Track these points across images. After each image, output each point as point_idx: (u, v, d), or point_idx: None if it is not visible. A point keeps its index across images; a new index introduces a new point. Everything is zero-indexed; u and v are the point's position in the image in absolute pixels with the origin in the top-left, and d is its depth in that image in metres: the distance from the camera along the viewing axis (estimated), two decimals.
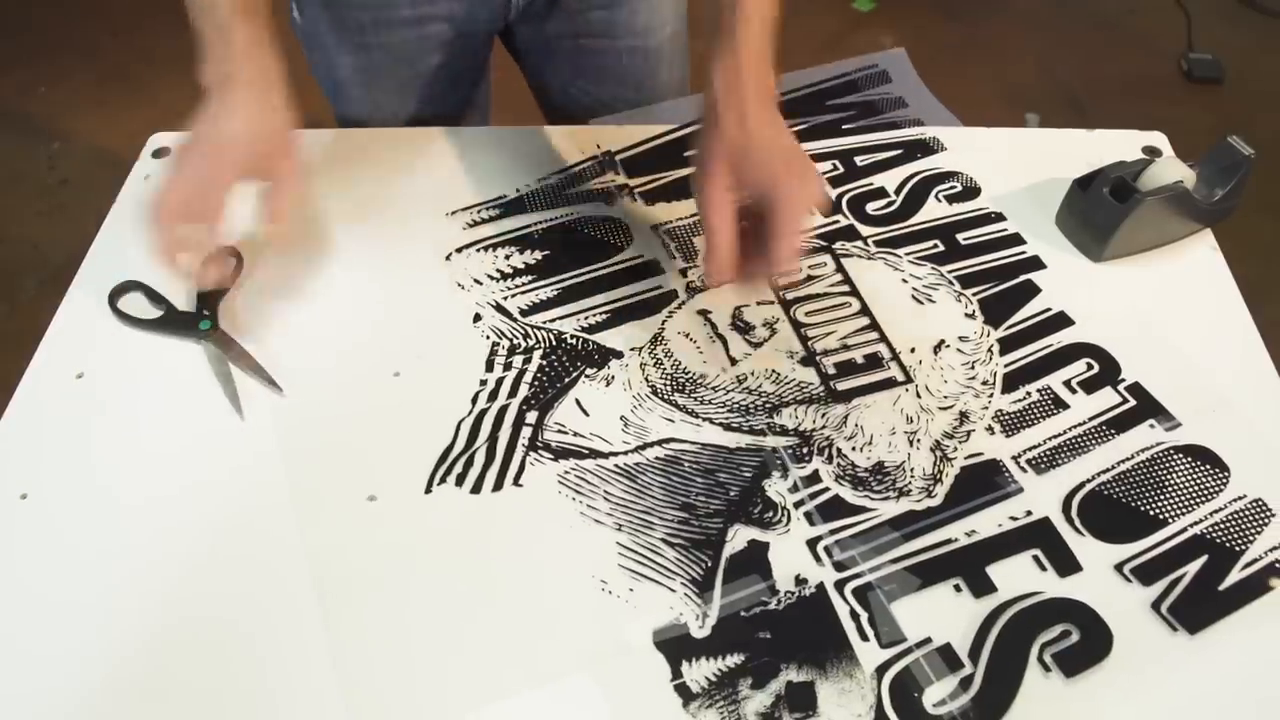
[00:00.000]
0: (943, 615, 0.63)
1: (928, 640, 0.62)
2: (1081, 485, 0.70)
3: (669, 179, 0.92)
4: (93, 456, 0.72)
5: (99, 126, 2.27)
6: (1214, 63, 2.46)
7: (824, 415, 0.74)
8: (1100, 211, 0.84)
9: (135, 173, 0.92)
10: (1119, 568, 0.66)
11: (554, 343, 0.79)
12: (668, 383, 0.76)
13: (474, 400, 0.75)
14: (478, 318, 0.81)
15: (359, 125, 1.05)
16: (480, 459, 0.72)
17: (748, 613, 0.64)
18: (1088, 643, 0.62)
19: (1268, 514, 0.68)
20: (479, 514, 0.69)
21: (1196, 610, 0.63)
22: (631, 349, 0.78)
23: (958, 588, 0.65)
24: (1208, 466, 0.71)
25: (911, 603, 0.64)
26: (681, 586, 0.65)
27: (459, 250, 0.86)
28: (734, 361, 0.77)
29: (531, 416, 0.74)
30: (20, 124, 2.29)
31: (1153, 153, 0.93)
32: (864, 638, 0.63)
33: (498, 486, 0.70)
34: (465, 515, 0.69)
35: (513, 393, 0.76)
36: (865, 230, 0.88)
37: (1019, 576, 0.65)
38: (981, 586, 0.65)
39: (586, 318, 0.81)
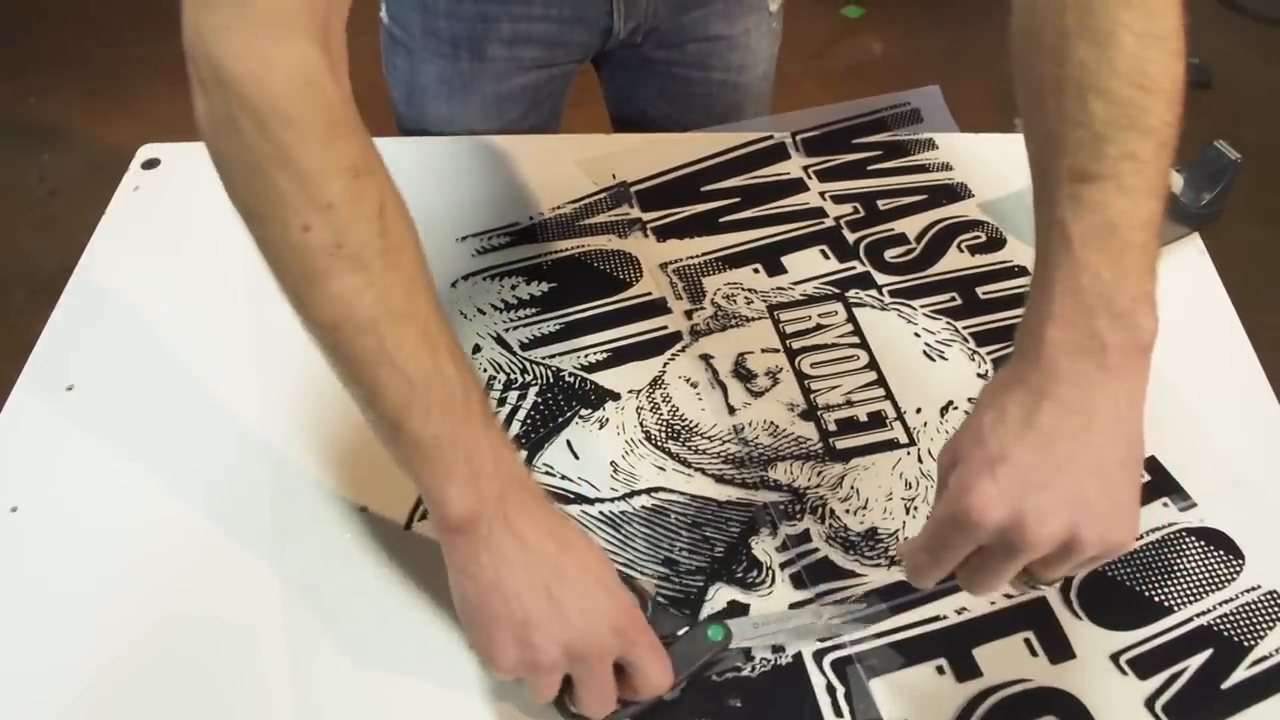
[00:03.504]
0: (923, 697, 0.61)
1: None
2: None
3: (683, 215, 0.90)
4: (83, 469, 0.71)
5: (89, 137, 2.27)
6: (1202, 67, 2.43)
7: (820, 474, 0.72)
8: None
9: (125, 184, 0.92)
10: (1115, 658, 0.62)
11: (551, 380, 0.77)
12: (663, 429, 0.74)
13: None
14: (477, 349, 0.79)
15: (424, 135, 1.02)
16: None
17: (720, 677, 0.61)
18: None
19: None
20: None
21: (1193, 711, 0.60)
22: (630, 391, 0.77)
23: (941, 669, 0.62)
24: (1221, 552, 0.67)
25: (892, 681, 0.61)
26: None
27: (465, 278, 0.84)
28: (732, 410, 0.75)
29: (520, 456, 0.72)
30: (10, 135, 2.30)
31: None
32: (838, 713, 0.60)
33: None
34: (442, 554, 0.67)
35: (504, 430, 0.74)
36: (881, 278, 0.85)
37: (1007, 661, 0.62)
38: (967, 670, 0.62)
39: (587, 355, 0.79)
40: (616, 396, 0.76)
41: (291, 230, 0.49)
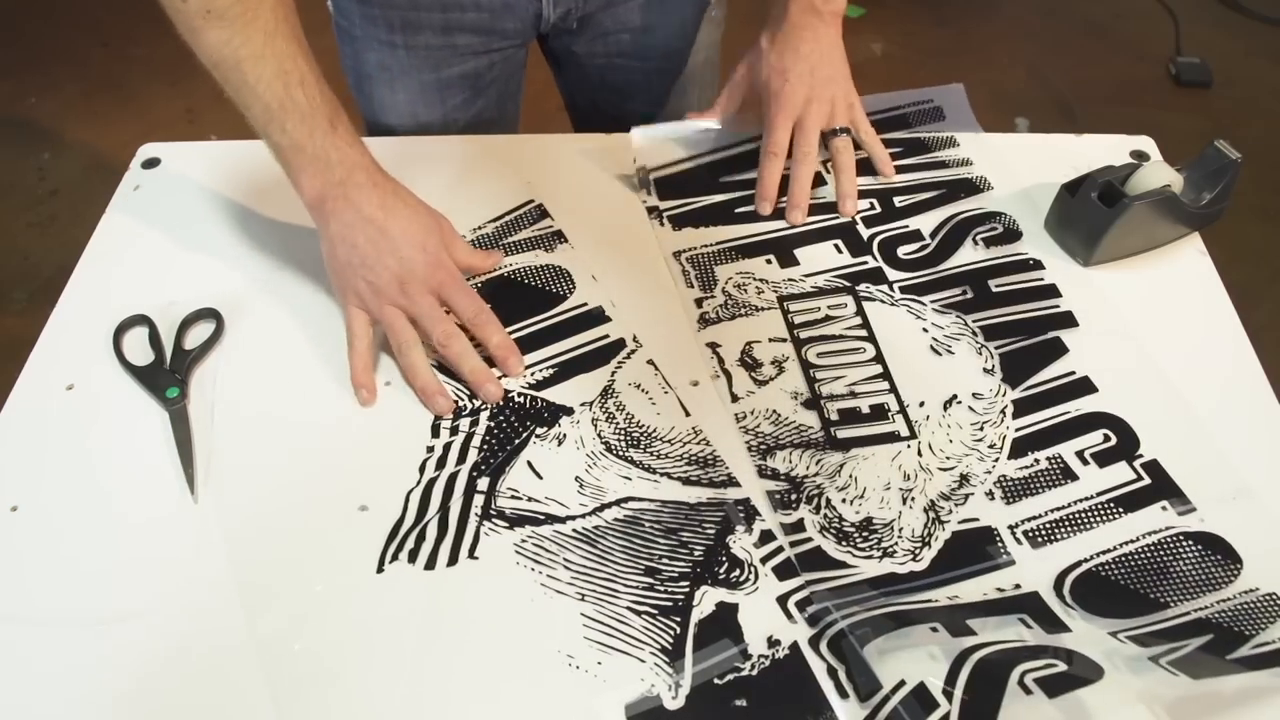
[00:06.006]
0: (916, 652, 0.60)
1: (901, 684, 0.59)
2: (1078, 564, 0.65)
3: (699, 204, 0.90)
4: (84, 468, 0.72)
5: (89, 137, 2.27)
6: (1202, 67, 2.42)
7: (819, 462, 0.71)
8: (1088, 216, 0.83)
9: (125, 183, 0.92)
10: (1113, 634, 0.61)
11: (500, 402, 0.76)
12: (621, 438, 0.73)
13: (421, 469, 0.71)
14: None
15: (376, 123, 1.04)
16: (432, 532, 0.68)
17: (721, 679, 0.61)
18: (1075, 670, 0.58)
19: None
20: (434, 592, 0.65)
21: (1200, 664, 0.59)
22: (582, 404, 0.75)
23: (934, 629, 0.61)
24: (1218, 556, 0.66)
25: (885, 645, 0.61)
26: (651, 656, 0.62)
27: None
28: (735, 399, 0.75)
29: (483, 483, 0.70)
30: (10, 134, 2.30)
31: (1141, 157, 0.93)
32: (843, 695, 0.60)
33: (452, 561, 0.67)
34: (420, 594, 0.65)
35: (461, 458, 0.72)
36: (893, 275, 0.84)
37: (1001, 630, 0.61)
38: (959, 630, 0.61)
39: (532, 373, 0.77)
40: (570, 411, 0.75)
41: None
